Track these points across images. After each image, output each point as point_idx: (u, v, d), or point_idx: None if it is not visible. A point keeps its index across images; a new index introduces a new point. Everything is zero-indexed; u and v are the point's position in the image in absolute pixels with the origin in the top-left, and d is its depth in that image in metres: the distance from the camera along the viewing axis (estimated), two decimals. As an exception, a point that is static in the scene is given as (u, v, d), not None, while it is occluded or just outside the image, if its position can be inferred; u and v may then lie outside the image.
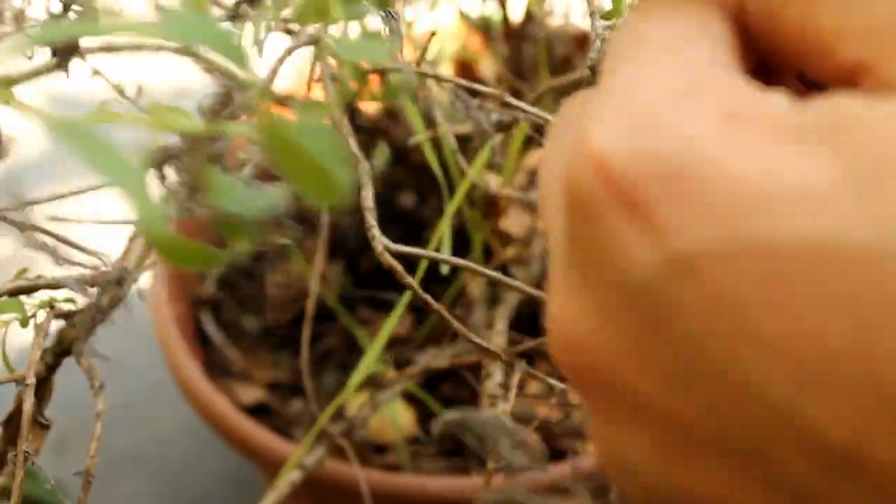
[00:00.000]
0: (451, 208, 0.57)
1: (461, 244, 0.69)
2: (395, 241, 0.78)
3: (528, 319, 0.68)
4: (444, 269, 0.60)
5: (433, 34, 0.49)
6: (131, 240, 0.47)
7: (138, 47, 0.58)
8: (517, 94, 0.64)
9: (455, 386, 0.72)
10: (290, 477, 0.60)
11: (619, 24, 0.33)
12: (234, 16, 0.51)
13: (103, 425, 0.46)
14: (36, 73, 0.53)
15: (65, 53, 0.46)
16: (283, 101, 0.64)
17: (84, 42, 0.48)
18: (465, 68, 0.79)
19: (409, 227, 0.77)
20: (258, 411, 0.72)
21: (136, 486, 0.87)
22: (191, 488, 0.87)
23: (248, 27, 0.32)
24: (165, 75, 0.78)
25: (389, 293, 0.72)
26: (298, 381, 0.72)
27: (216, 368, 0.75)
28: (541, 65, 0.71)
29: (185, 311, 0.76)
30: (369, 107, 0.73)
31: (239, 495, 0.86)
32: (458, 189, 0.62)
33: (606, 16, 0.41)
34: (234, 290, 0.79)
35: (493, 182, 0.65)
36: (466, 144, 0.61)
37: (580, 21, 0.72)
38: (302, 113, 0.27)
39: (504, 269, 0.68)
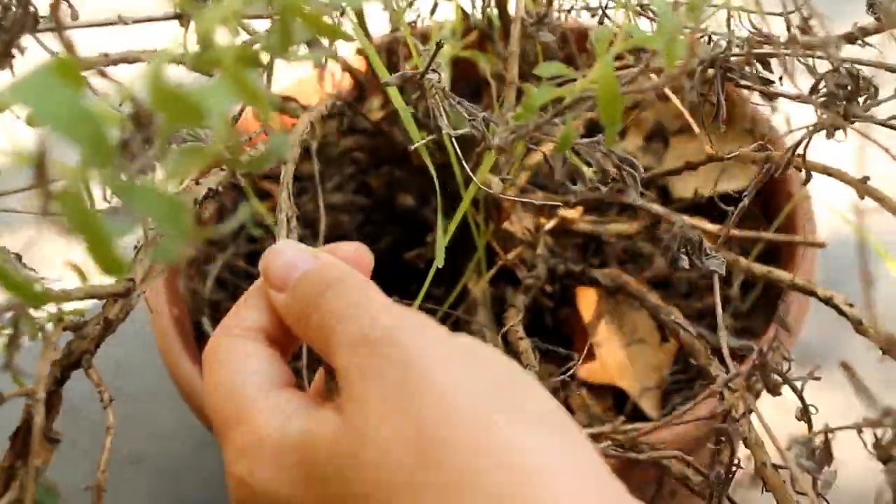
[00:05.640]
0: (457, 214, 0.57)
1: (465, 246, 0.69)
2: (394, 240, 0.78)
3: (532, 320, 0.68)
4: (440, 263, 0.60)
5: (439, 46, 0.49)
6: (138, 251, 0.47)
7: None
8: (518, 93, 0.63)
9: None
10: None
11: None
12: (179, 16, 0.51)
13: (107, 432, 0.46)
14: None
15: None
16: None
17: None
18: (466, 68, 0.79)
19: (409, 226, 0.77)
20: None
21: (137, 486, 0.87)
22: (191, 488, 0.87)
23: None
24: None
25: (390, 293, 0.72)
26: (298, 381, 0.72)
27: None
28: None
29: (185, 313, 0.75)
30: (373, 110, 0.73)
31: (240, 496, 0.86)
32: (460, 191, 0.61)
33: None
34: (233, 290, 0.79)
35: (496, 185, 0.64)
36: (470, 147, 0.60)
37: (579, 18, 0.71)
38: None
39: (507, 270, 0.68)
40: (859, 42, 0.59)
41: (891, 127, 0.51)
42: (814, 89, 0.51)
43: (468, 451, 0.35)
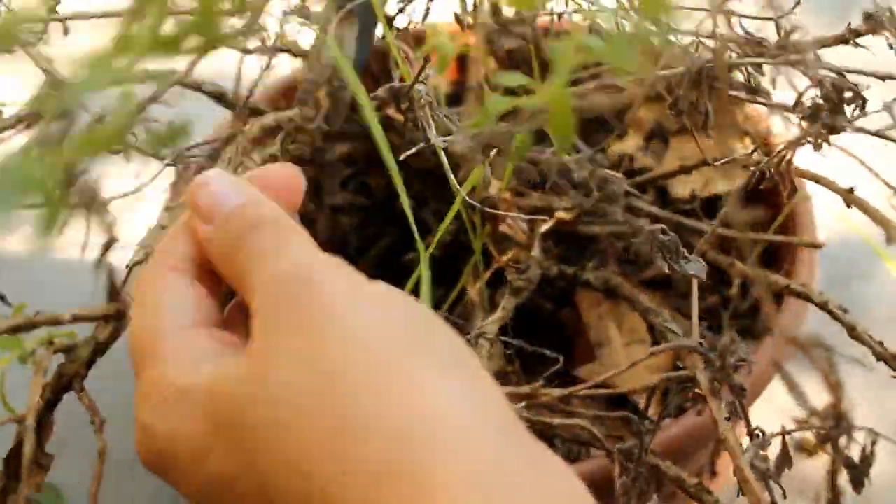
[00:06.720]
0: (445, 224, 0.57)
1: (462, 248, 0.69)
2: (393, 241, 0.78)
3: (526, 324, 0.68)
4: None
5: (426, 61, 0.49)
6: (130, 269, 0.47)
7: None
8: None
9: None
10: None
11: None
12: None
13: (100, 457, 0.46)
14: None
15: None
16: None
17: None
18: (465, 69, 0.78)
19: (408, 227, 0.76)
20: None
21: (134, 488, 0.87)
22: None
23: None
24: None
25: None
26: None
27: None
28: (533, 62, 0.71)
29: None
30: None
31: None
32: (455, 195, 0.62)
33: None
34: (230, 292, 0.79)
35: (493, 187, 0.64)
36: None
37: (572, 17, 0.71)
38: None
39: (502, 272, 0.68)
40: (852, 43, 0.58)
41: (882, 137, 0.51)
42: (797, 103, 0.51)
43: (370, 391, 0.34)
